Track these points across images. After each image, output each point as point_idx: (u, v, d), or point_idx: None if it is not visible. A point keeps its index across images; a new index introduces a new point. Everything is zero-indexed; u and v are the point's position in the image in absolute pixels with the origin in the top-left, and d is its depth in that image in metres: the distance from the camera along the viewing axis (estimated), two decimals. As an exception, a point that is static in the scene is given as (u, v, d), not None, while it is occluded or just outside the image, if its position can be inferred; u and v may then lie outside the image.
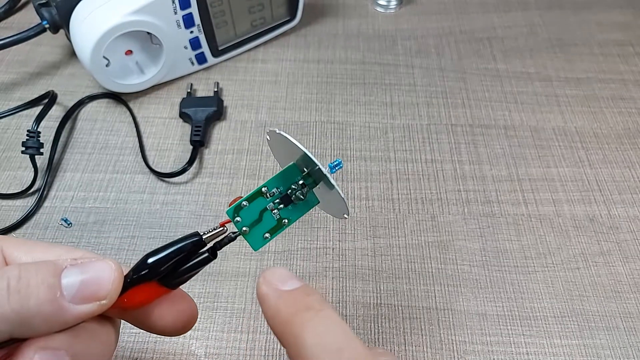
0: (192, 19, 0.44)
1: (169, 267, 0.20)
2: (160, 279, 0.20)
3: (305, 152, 0.22)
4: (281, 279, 0.19)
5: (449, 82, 0.47)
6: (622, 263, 0.36)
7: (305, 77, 0.48)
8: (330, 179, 0.22)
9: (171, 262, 0.20)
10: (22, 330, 0.17)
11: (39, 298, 0.17)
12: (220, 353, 0.32)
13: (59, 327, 0.17)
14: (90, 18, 0.41)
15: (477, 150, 0.42)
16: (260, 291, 0.19)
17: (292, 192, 0.23)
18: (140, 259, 0.20)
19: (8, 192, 0.39)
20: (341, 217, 0.24)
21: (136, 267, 0.20)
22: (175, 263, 0.20)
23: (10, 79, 0.47)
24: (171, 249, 0.20)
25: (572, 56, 0.50)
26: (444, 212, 0.38)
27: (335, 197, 0.22)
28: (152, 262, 0.20)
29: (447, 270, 0.35)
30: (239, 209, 0.22)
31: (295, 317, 0.18)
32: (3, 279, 0.17)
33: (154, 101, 0.46)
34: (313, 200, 0.23)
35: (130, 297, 0.20)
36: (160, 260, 0.20)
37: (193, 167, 0.40)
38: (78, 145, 0.42)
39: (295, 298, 0.18)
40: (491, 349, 0.32)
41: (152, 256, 0.20)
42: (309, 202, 0.23)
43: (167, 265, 0.20)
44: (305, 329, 0.17)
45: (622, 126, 0.44)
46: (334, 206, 0.24)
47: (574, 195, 0.39)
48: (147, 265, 0.20)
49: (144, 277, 0.20)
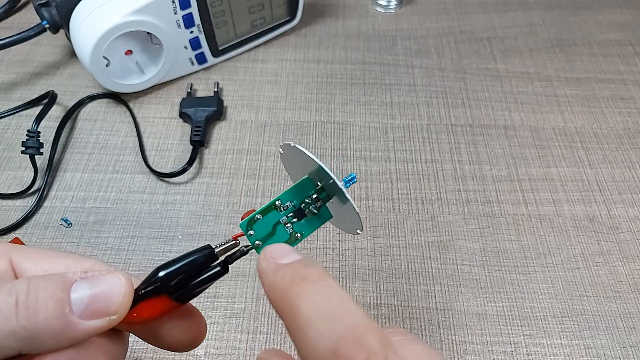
0: (192, 19, 0.44)
1: (180, 281, 0.20)
2: (171, 293, 0.20)
3: (320, 165, 0.21)
4: (280, 254, 0.18)
5: (449, 82, 0.47)
6: (622, 263, 0.36)
7: (305, 77, 0.48)
8: (345, 193, 0.21)
9: (182, 276, 0.20)
10: (30, 346, 0.17)
11: (47, 313, 0.16)
12: (220, 353, 0.32)
13: (67, 343, 0.17)
14: (90, 18, 0.41)
15: (477, 150, 0.42)
16: (259, 266, 0.18)
17: (305, 206, 0.23)
18: (151, 272, 0.20)
19: (8, 192, 0.39)
20: (354, 233, 0.23)
21: (147, 280, 0.20)
22: (187, 277, 0.20)
23: (10, 79, 0.47)
24: (183, 262, 0.20)
25: (572, 56, 0.50)
26: (444, 212, 0.38)
27: (349, 211, 0.22)
28: (163, 275, 0.19)
29: (447, 270, 0.35)
30: (252, 222, 0.22)
31: (291, 288, 0.17)
32: (12, 294, 0.17)
33: (154, 101, 0.46)
34: (326, 215, 0.23)
35: (139, 312, 0.19)
36: (171, 274, 0.19)
37: (193, 167, 0.40)
38: (78, 145, 0.42)
39: (292, 269, 0.18)
40: (491, 349, 0.32)
41: (163, 269, 0.19)
42: (322, 217, 0.23)
43: (179, 279, 0.20)
44: (301, 299, 0.16)
45: (622, 126, 0.44)
46: (347, 221, 0.24)
47: (574, 195, 0.39)
48: (158, 279, 0.19)
49: (154, 291, 0.19)
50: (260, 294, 0.34)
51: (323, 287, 0.17)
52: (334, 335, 0.15)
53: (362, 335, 0.15)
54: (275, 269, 0.18)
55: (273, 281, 0.18)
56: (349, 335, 0.15)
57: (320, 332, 0.16)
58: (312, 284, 0.17)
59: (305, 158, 0.22)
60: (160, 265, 0.20)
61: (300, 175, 0.23)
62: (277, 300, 0.17)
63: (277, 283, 0.18)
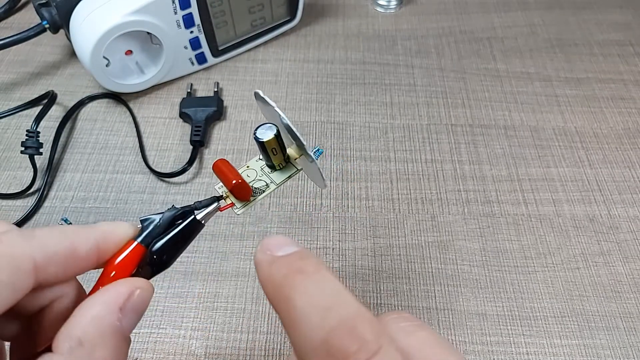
0: (192, 19, 0.44)
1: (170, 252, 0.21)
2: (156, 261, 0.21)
3: (289, 125, 0.23)
4: (277, 246, 0.18)
5: (449, 82, 0.47)
6: (622, 263, 0.36)
7: (305, 77, 0.48)
8: (308, 151, 0.23)
9: (172, 246, 0.21)
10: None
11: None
12: (220, 353, 0.32)
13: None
14: (90, 18, 0.41)
15: (477, 150, 0.42)
16: (256, 258, 0.18)
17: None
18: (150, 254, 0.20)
19: (8, 192, 0.39)
20: (322, 187, 0.25)
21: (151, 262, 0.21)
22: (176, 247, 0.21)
23: (10, 79, 0.47)
24: (173, 234, 0.21)
25: (572, 56, 0.50)
26: (444, 212, 0.38)
27: (315, 170, 0.24)
28: (158, 250, 0.21)
29: (447, 270, 0.35)
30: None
31: (286, 281, 0.17)
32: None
33: (154, 101, 0.46)
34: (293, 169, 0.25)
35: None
36: (164, 248, 0.21)
37: (193, 167, 0.40)
38: (78, 145, 0.42)
39: (288, 262, 0.17)
40: (491, 349, 0.32)
41: (157, 242, 0.21)
42: (290, 170, 0.25)
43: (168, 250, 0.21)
44: (295, 292, 0.16)
45: (622, 126, 0.44)
46: (316, 177, 0.25)
47: (574, 195, 0.39)
48: (155, 256, 0.21)
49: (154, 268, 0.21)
50: (260, 294, 0.34)
51: (318, 279, 0.17)
52: (326, 327, 0.15)
53: (354, 325, 0.15)
54: (271, 261, 0.18)
55: (268, 274, 0.17)
56: (341, 326, 0.15)
57: (312, 324, 0.15)
58: (307, 277, 0.17)
59: (274, 112, 0.23)
60: (148, 232, 0.21)
61: (271, 119, 0.25)
62: (272, 293, 0.17)
63: (273, 275, 0.17)
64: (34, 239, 0.17)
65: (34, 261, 0.17)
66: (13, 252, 0.16)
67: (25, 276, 0.17)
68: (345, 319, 0.15)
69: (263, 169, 0.25)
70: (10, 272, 0.16)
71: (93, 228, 0.19)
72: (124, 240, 0.20)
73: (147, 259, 0.20)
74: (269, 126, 0.24)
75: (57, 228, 0.18)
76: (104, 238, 0.19)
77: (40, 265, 0.17)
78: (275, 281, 0.17)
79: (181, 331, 0.33)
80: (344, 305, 0.16)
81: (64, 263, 0.18)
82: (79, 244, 0.18)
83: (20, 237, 0.17)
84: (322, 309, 0.15)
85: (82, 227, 0.19)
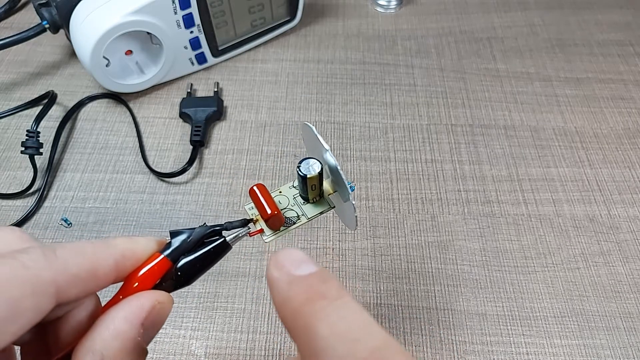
0: (192, 19, 0.44)
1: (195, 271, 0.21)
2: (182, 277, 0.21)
3: (334, 163, 0.23)
4: (295, 262, 0.17)
5: (449, 82, 0.47)
6: (622, 263, 0.36)
7: (305, 77, 0.48)
8: (347, 187, 0.23)
9: (198, 266, 0.21)
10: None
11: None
12: (220, 353, 0.32)
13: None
14: (90, 18, 0.41)
15: (477, 150, 0.42)
16: (270, 275, 0.17)
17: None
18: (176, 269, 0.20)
19: (8, 192, 0.39)
20: (352, 229, 0.25)
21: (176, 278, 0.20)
22: (201, 266, 0.21)
23: (10, 79, 0.47)
24: (201, 253, 0.21)
25: (571, 56, 0.50)
26: (444, 212, 0.38)
27: (348, 208, 0.24)
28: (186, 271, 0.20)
29: (447, 270, 0.35)
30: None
31: (307, 306, 0.16)
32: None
33: (154, 101, 0.46)
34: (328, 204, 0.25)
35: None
36: (190, 266, 0.21)
37: (193, 167, 0.40)
38: (78, 145, 0.42)
39: (309, 284, 0.16)
40: (491, 349, 0.32)
41: (186, 262, 0.20)
42: (324, 205, 0.25)
43: (194, 268, 0.21)
44: (317, 319, 0.15)
45: (622, 126, 0.44)
46: (346, 216, 0.25)
47: (574, 195, 0.39)
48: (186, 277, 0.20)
49: (177, 283, 0.20)
50: (260, 294, 0.34)
51: (341, 306, 0.16)
52: (356, 359, 0.14)
53: (385, 357, 0.14)
54: (288, 281, 0.17)
55: (286, 296, 0.16)
56: (371, 359, 0.14)
57: (339, 356, 0.14)
58: (330, 302, 0.16)
59: (321, 148, 0.24)
60: (184, 259, 0.20)
61: (312, 153, 0.25)
62: (290, 318, 0.16)
63: (291, 299, 0.16)
64: (56, 260, 0.17)
65: (57, 285, 0.16)
66: (37, 280, 0.16)
67: (48, 300, 0.16)
68: (377, 351, 0.14)
69: (296, 199, 0.25)
70: (34, 299, 0.16)
71: (112, 247, 0.19)
72: (143, 258, 0.19)
73: (172, 275, 0.20)
74: (314, 162, 0.23)
75: (76, 247, 0.18)
76: (123, 257, 0.19)
77: (62, 288, 0.16)
78: (295, 306, 0.16)
79: (181, 331, 0.33)
80: (374, 336, 0.15)
81: (84, 285, 0.17)
82: (98, 265, 0.18)
83: (44, 258, 0.16)
84: (349, 340, 0.15)
85: (101, 246, 0.18)
